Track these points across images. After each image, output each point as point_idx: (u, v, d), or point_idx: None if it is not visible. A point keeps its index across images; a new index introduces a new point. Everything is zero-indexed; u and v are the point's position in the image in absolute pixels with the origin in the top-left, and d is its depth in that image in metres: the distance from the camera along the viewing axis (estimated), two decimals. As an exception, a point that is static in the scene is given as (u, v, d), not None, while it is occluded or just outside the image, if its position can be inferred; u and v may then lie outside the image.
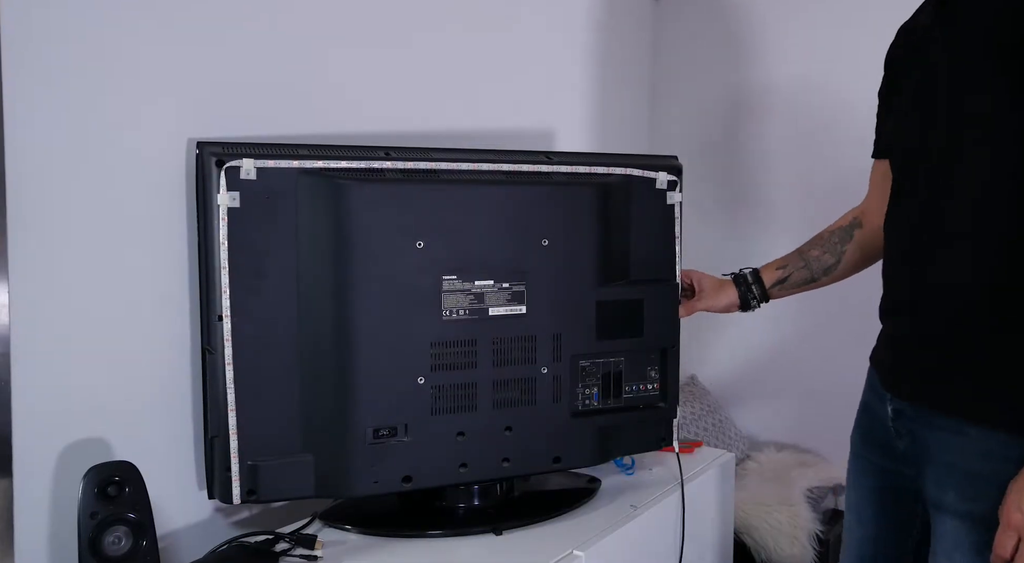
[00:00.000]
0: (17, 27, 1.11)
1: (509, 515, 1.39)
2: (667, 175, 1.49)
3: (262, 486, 1.24)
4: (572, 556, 1.28)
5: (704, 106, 2.42)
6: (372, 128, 1.60)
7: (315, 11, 1.49)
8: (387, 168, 1.29)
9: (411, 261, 1.28)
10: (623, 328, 1.46)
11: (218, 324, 1.20)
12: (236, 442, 1.22)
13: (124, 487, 1.13)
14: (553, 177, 1.40)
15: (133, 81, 1.24)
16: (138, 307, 1.27)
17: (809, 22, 2.22)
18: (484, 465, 1.36)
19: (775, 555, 1.96)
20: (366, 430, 1.27)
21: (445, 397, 1.32)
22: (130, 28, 1.23)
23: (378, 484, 1.29)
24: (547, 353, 1.39)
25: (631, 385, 1.48)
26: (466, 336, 1.33)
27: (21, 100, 1.12)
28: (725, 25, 2.38)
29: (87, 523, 1.11)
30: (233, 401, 1.21)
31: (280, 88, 1.44)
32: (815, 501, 2.07)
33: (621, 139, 2.36)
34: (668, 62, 2.48)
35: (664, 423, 1.53)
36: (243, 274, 1.21)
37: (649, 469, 1.62)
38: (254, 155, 1.21)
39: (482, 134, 1.84)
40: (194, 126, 1.31)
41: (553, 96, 2.08)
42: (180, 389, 1.33)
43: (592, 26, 2.22)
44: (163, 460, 1.31)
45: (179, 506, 1.34)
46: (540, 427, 1.40)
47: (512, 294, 1.36)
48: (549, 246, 1.38)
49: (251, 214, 1.21)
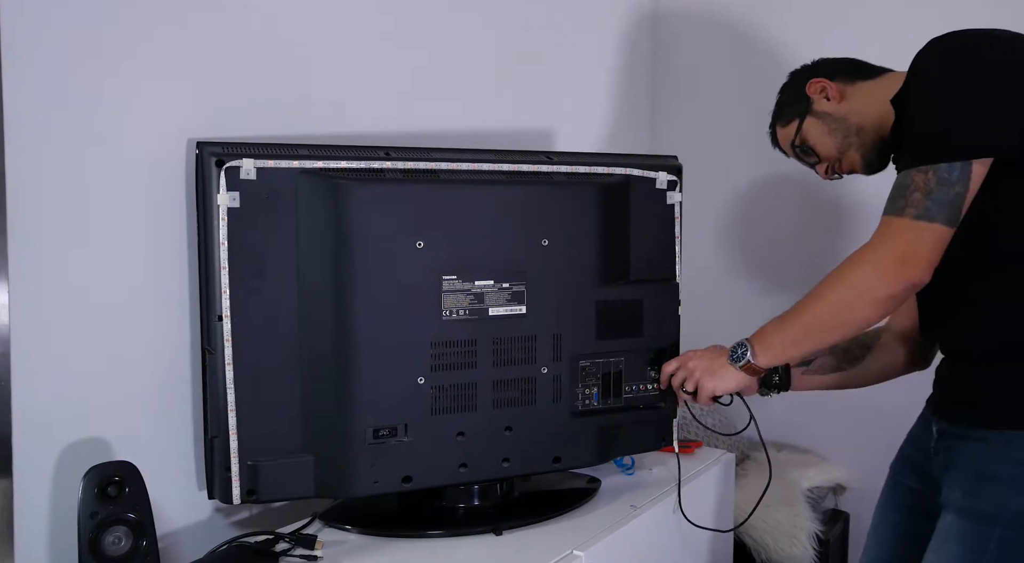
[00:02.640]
0: (17, 27, 1.10)
1: (509, 515, 1.39)
2: (667, 175, 1.49)
3: (262, 486, 1.24)
4: (572, 556, 1.28)
5: (704, 106, 2.42)
6: (372, 128, 1.60)
7: (315, 11, 1.49)
8: (387, 168, 1.29)
9: (411, 261, 1.28)
10: (623, 328, 1.46)
11: (218, 324, 1.20)
12: (236, 442, 1.22)
13: (124, 487, 1.13)
14: (553, 177, 1.40)
15: (133, 81, 1.24)
16: (138, 307, 1.27)
17: (809, 21, 2.22)
18: (484, 465, 1.36)
19: (775, 555, 1.95)
20: (366, 430, 1.27)
21: (445, 397, 1.32)
22: (130, 28, 1.23)
23: (378, 484, 1.29)
24: (547, 353, 1.39)
25: (631, 385, 1.48)
26: (466, 336, 1.33)
27: (21, 100, 1.12)
28: (725, 25, 2.38)
29: (87, 523, 1.11)
30: (233, 401, 1.21)
31: (280, 88, 1.44)
32: (815, 501, 2.07)
33: (621, 139, 2.36)
34: (668, 62, 2.48)
35: (664, 423, 1.53)
36: (243, 274, 1.21)
37: (649, 469, 1.62)
38: (254, 155, 1.21)
39: (482, 134, 1.84)
40: (194, 126, 1.31)
41: (553, 96, 2.08)
42: (180, 389, 1.33)
43: (592, 26, 2.22)
44: (163, 460, 1.31)
45: (179, 506, 1.34)
46: (540, 427, 1.40)
47: (512, 294, 1.36)
48: (549, 246, 1.38)
49: (251, 214, 1.21)
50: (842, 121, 1.39)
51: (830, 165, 1.44)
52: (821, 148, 1.42)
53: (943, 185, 1.13)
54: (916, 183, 1.15)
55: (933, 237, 1.14)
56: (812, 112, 1.42)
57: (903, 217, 1.15)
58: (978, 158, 1.13)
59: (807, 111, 1.42)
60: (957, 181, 1.13)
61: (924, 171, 1.14)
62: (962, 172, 1.13)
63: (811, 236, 2.26)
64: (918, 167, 1.15)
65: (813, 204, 2.25)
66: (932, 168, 1.14)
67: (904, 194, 1.16)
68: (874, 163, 1.40)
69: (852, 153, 1.40)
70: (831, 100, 1.40)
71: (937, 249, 1.15)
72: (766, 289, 2.34)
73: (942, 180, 1.13)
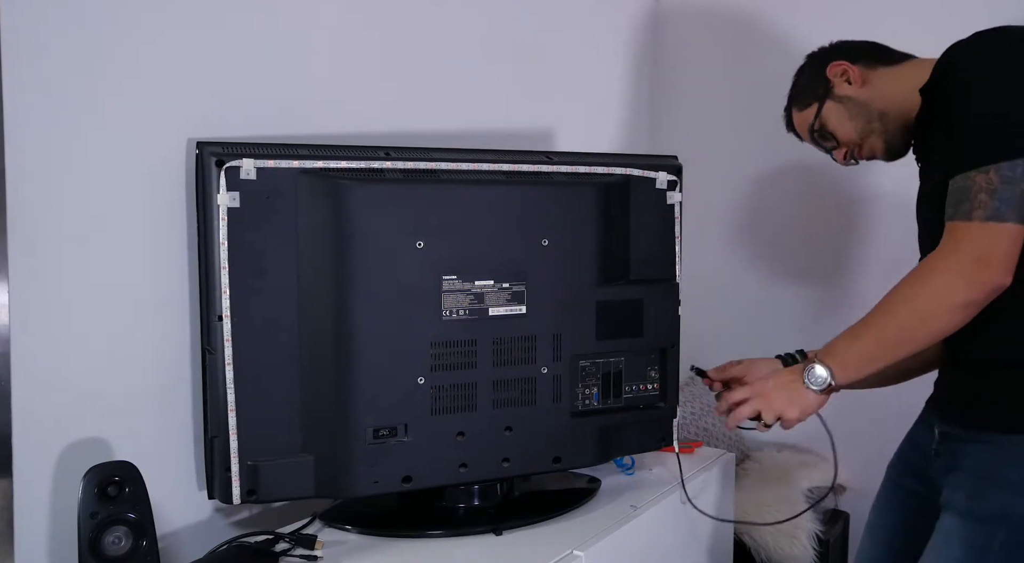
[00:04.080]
0: (17, 27, 1.10)
1: (509, 515, 1.39)
2: (667, 175, 1.49)
3: (262, 486, 1.24)
4: (572, 556, 1.28)
5: (704, 106, 2.42)
6: (372, 128, 1.60)
7: (315, 11, 1.49)
8: (387, 168, 1.29)
9: (411, 261, 1.28)
10: (623, 328, 1.46)
11: (218, 324, 1.20)
12: (236, 442, 1.22)
13: (124, 487, 1.13)
14: (553, 177, 1.40)
15: (133, 81, 1.24)
16: (138, 307, 1.27)
17: (810, 21, 2.21)
18: (484, 465, 1.36)
19: (775, 555, 1.95)
20: (366, 430, 1.27)
21: (445, 397, 1.32)
22: (130, 28, 1.23)
23: (378, 484, 1.29)
24: (547, 353, 1.39)
25: (631, 385, 1.48)
26: (466, 336, 1.33)
27: (21, 100, 1.12)
28: (725, 25, 2.38)
29: (87, 523, 1.11)
30: (233, 401, 1.21)
31: (280, 88, 1.44)
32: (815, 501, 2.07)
33: (621, 139, 2.36)
34: (668, 62, 2.48)
35: (664, 423, 1.53)
36: (243, 274, 1.21)
37: (649, 469, 1.62)
38: (254, 155, 1.21)
39: (482, 134, 1.84)
40: (194, 126, 1.31)
41: (553, 96, 2.08)
42: (180, 389, 1.33)
43: (593, 26, 2.22)
44: (163, 460, 1.31)
45: (179, 506, 1.34)
46: (540, 427, 1.40)
47: (512, 294, 1.36)
48: (549, 246, 1.38)
49: (251, 214, 1.21)
50: (864, 106, 1.36)
51: (849, 151, 1.41)
52: (841, 133, 1.39)
53: (1007, 183, 1.10)
54: (979, 184, 1.11)
55: (1008, 237, 1.11)
56: (833, 96, 1.38)
57: (973, 220, 1.12)
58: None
59: (827, 95, 1.39)
60: (1021, 178, 1.10)
61: (985, 171, 1.11)
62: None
63: (812, 236, 2.26)
64: (978, 168, 1.12)
65: (813, 204, 2.25)
66: (993, 167, 1.11)
67: (968, 197, 1.12)
68: (897, 149, 1.37)
69: (874, 139, 1.37)
70: (852, 84, 1.36)
71: (1014, 249, 1.12)
72: (767, 289, 2.34)
73: (1005, 179, 1.10)
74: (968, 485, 1.21)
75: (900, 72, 1.34)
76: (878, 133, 1.36)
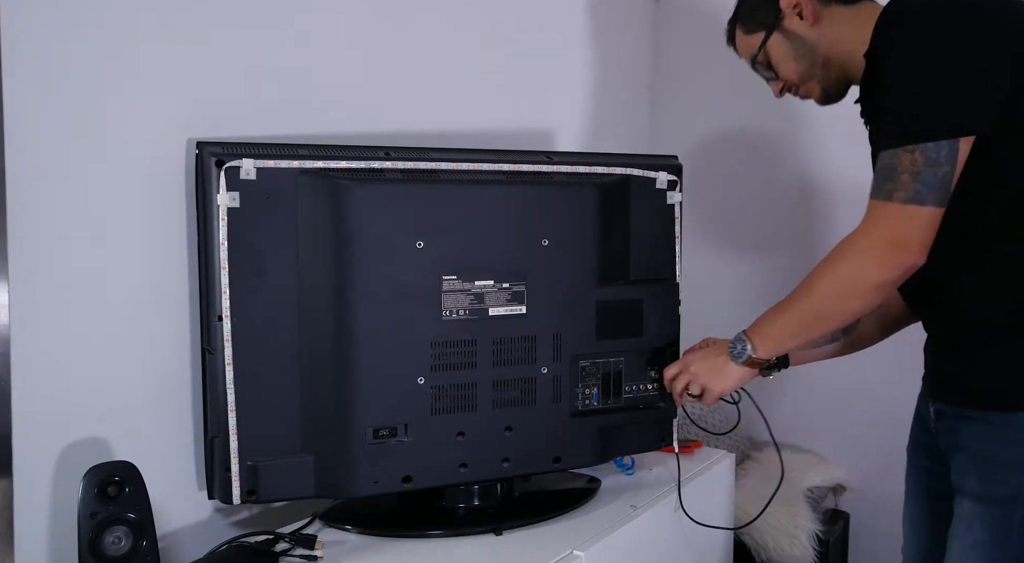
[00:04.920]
0: (17, 27, 1.10)
1: (509, 515, 1.39)
2: (667, 175, 1.49)
3: (262, 486, 1.24)
4: (572, 556, 1.28)
5: (704, 106, 2.42)
6: (372, 128, 1.60)
7: (315, 11, 1.49)
8: (387, 168, 1.29)
9: (411, 261, 1.28)
10: (623, 328, 1.46)
11: (218, 324, 1.21)
12: (236, 442, 1.22)
13: (124, 487, 1.13)
14: (553, 177, 1.40)
15: (133, 81, 1.24)
16: (138, 307, 1.27)
17: (809, 22, 2.21)
18: (484, 465, 1.36)
19: (775, 555, 1.95)
20: (366, 430, 1.27)
21: (445, 397, 1.32)
22: (130, 28, 1.23)
23: (378, 484, 1.29)
24: (547, 353, 1.39)
25: (631, 385, 1.48)
26: (466, 336, 1.33)
27: (21, 100, 1.12)
28: (725, 25, 2.38)
29: (87, 523, 1.11)
30: (233, 401, 1.21)
31: (280, 88, 1.44)
32: (815, 501, 2.07)
33: (621, 139, 2.36)
34: (668, 62, 2.48)
35: (664, 423, 1.53)
36: (243, 274, 1.21)
37: (649, 469, 1.62)
38: (254, 155, 1.21)
39: (482, 134, 1.84)
40: (194, 126, 1.31)
41: (553, 96, 2.08)
42: (180, 389, 1.33)
43: (592, 26, 2.22)
44: (163, 460, 1.31)
45: (179, 506, 1.34)
46: (540, 427, 1.40)
47: (512, 294, 1.36)
48: (549, 246, 1.38)
49: (251, 214, 1.21)
50: (810, 49, 1.32)
51: (786, 86, 1.39)
52: (783, 70, 1.37)
53: (931, 165, 1.09)
54: (903, 164, 1.11)
55: (925, 220, 1.11)
56: (781, 28, 1.34)
57: (893, 201, 1.12)
58: (964, 136, 1.10)
59: (775, 26, 1.35)
60: (945, 161, 1.09)
61: (910, 151, 1.10)
62: (949, 151, 1.09)
63: (812, 235, 2.26)
64: (903, 147, 1.11)
65: (813, 203, 2.25)
66: (919, 148, 1.10)
67: (892, 176, 1.12)
68: (833, 97, 1.37)
69: (812, 84, 1.35)
70: (804, 19, 1.32)
71: (930, 231, 1.12)
72: (766, 288, 2.33)
73: (929, 160, 1.09)
74: (976, 469, 1.21)
75: (853, 14, 1.29)
76: (818, 79, 1.34)
